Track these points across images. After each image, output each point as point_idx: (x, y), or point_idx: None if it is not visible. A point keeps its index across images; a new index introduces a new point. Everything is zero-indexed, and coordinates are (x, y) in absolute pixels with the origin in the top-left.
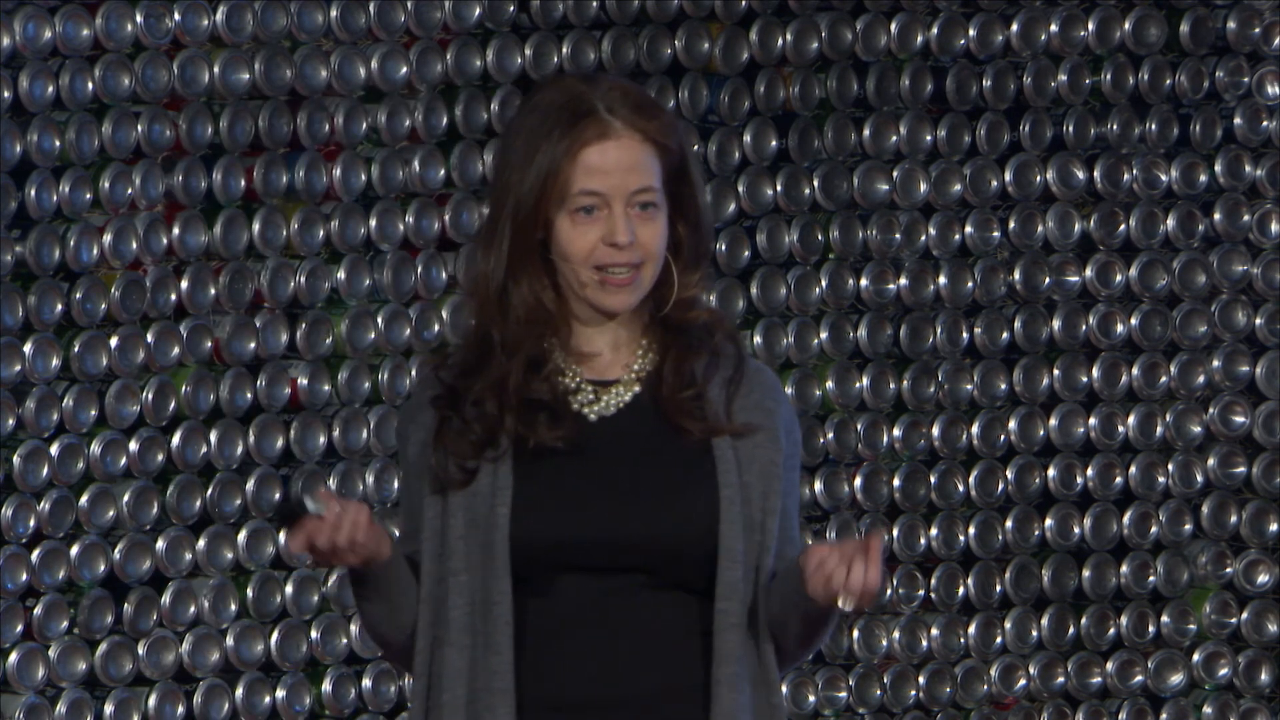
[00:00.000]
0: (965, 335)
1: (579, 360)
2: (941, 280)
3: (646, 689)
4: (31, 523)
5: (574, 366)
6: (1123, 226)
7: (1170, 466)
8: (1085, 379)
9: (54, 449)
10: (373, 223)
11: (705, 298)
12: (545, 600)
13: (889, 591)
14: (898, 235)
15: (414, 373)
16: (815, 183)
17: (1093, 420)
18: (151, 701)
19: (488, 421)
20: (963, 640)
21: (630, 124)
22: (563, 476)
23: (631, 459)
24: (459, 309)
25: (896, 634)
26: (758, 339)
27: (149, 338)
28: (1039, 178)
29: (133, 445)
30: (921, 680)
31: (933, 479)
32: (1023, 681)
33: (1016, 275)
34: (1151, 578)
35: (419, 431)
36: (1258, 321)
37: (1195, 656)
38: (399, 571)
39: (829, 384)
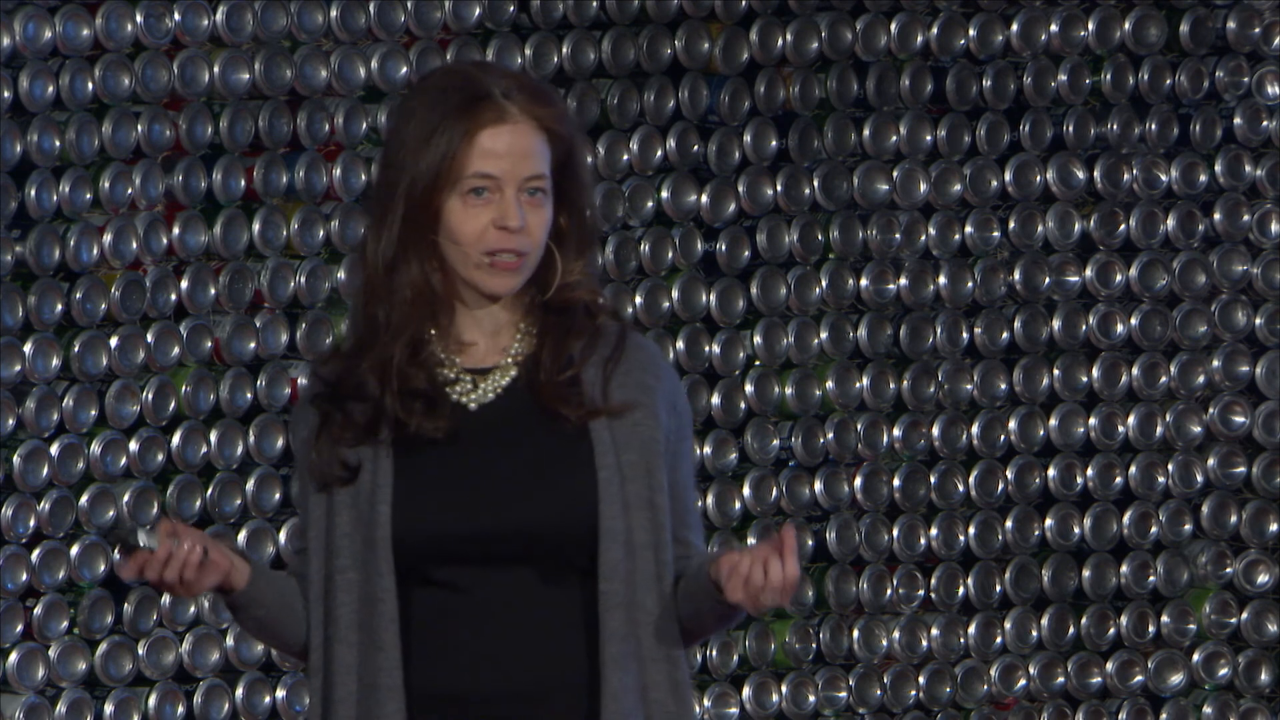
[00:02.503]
0: (965, 335)
1: (458, 350)
2: (941, 280)
3: (535, 679)
4: (31, 523)
5: (453, 357)
6: (1123, 226)
7: (1170, 466)
8: (1085, 379)
9: (54, 449)
10: None
11: (589, 282)
12: (430, 594)
13: (889, 591)
14: (898, 235)
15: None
16: (815, 183)
17: (1093, 420)
18: (151, 701)
19: (366, 412)
20: (963, 640)
21: (526, 110)
22: (441, 469)
23: (509, 448)
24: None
25: (896, 634)
26: (758, 339)
27: (149, 338)
28: (1039, 178)
29: (133, 445)
30: (921, 680)
31: (933, 479)
32: (1023, 681)
33: (1016, 275)
34: (1151, 578)
35: (303, 431)
36: (1258, 321)
37: (1195, 656)
38: (265, 597)
39: (829, 384)
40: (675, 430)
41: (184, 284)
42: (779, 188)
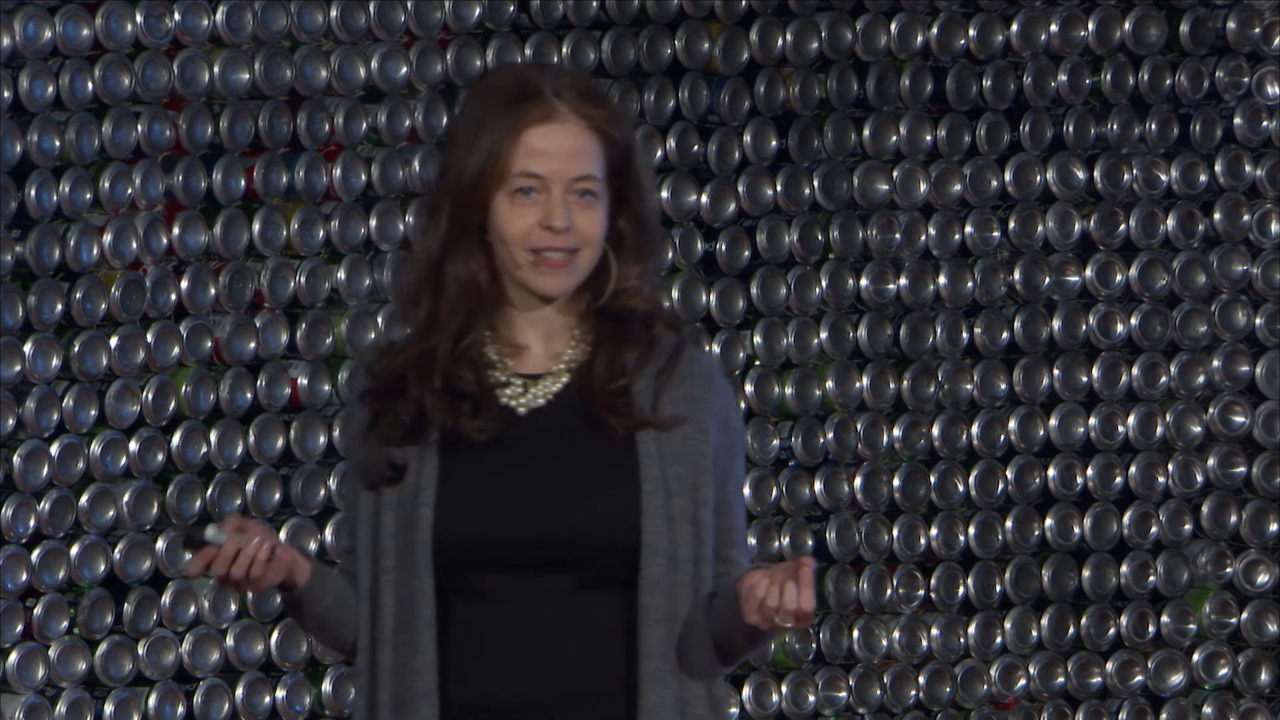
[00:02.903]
0: (965, 335)
1: (511, 354)
2: (941, 280)
3: (571, 690)
4: (31, 523)
5: (506, 360)
6: (1123, 226)
7: (1170, 466)
8: (1085, 379)
9: (54, 449)
10: (373, 223)
11: (651, 292)
12: (469, 599)
13: (889, 591)
14: (898, 235)
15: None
16: (815, 183)
17: (1093, 420)
18: (151, 701)
19: (414, 410)
20: (963, 640)
21: (576, 109)
22: (486, 473)
23: (555, 455)
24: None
25: (896, 634)
26: (758, 339)
27: (149, 338)
28: (1039, 178)
29: (133, 445)
30: (921, 680)
31: (933, 479)
32: (1023, 681)
33: (1016, 275)
34: (1151, 578)
35: (351, 429)
36: (1258, 321)
37: (1195, 656)
38: (323, 593)
39: (829, 384)
40: (726, 446)
41: (184, 284)
42: (779, 188)
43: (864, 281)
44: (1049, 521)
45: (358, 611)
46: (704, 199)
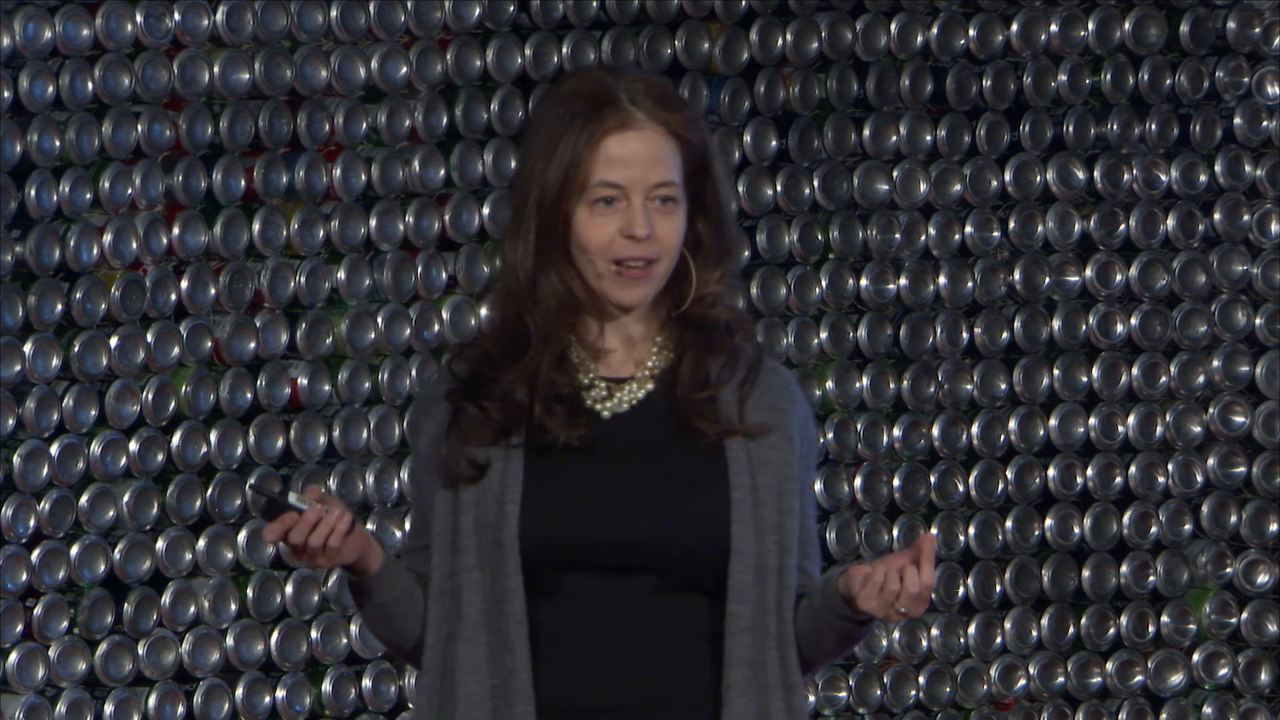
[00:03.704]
0: (965, 335)
1: (593, 356)
2: (941, 280)
3: (656, 693)
4: (31, 523)
5: (589, 362)
6: (1123, 226)
7: (1170, 466)
8: (1085, 379)
9: (54, 449)
10: (373, 223)
11: (729, 297)
12: (555, 600)
13: None
14: (898, 235)
15: (414, 372)
16: (815, 183)
17: (1093, 420)
18: (151, 701)
19: (514, 410)
20: (963, 640)
21: (653, 116)
22: (573, 474)
23: (643, 458)
24: (460, 308)
25: (896, 634)
26: (758, 339)
27: (149, 338)
28: (1039, 178)
29: (133, 445)
30: (921, 680)
31: (933, 479)
32: (1023, 681)
33: (1016, 275)
34: (1151, 578)
35: (431, 425)
36: (1258, 321)
37: (1195, 656)
38: (393, 582)
39: (829, 384)
40: (804, 458)
41: (184, 284)
42: (779, 188)
43: (864, 281)
44: (1049, 521)
45: (422, 609)
46: None
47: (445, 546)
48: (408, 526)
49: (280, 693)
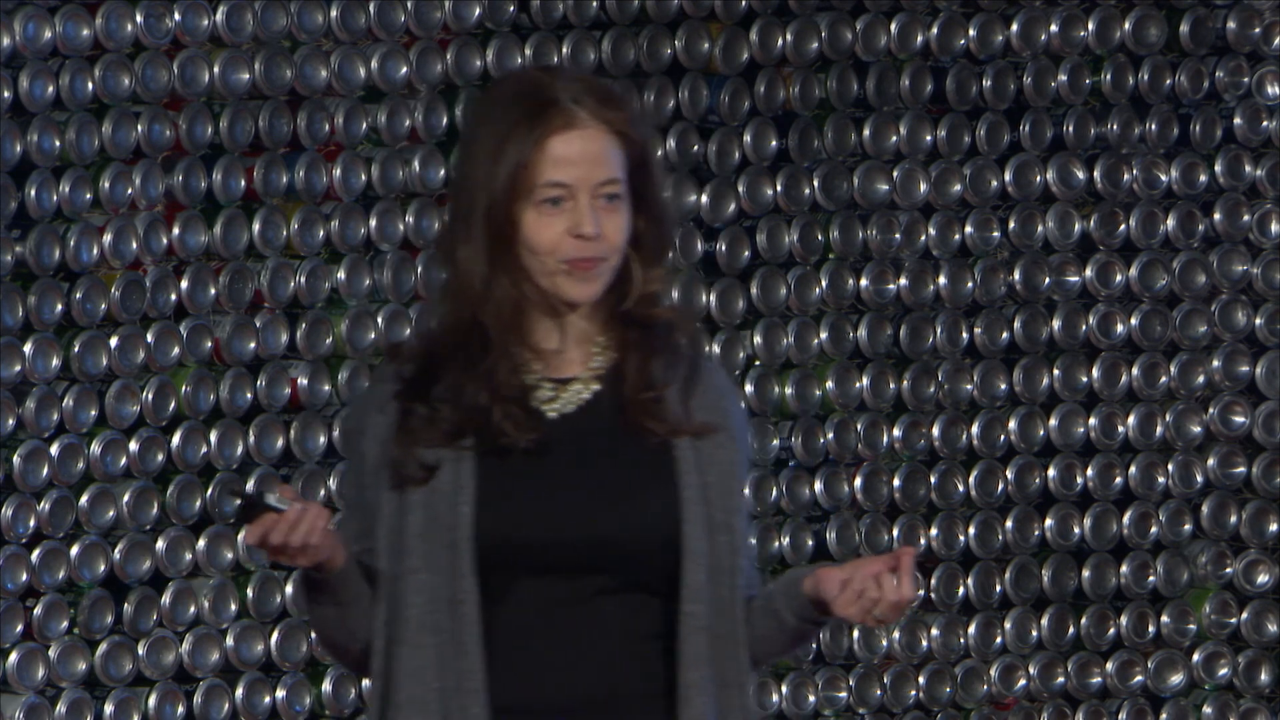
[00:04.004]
0: (965, 335)
1: (538, 357)
2: (941, 280)
3: (610, 693)
4: (31, 523)
5: (533, 363)
6: (1123, 226)
7: (1170, 466)
8: (1085, 379)
9: (54, 449)
10: (373, 223)
11: (668, 294)
12: (507, 601)
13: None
14: (898, 235)
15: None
16: (815, 183)
17: (1093, 420)
18: (151, 701)
19: (469, 413)
20: (963, 640)
21: (596, 114)
22: (525, 476)
23: (593, 459)
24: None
25: (896, 634)
26: (758, 339)
27: (149, 338)
28: (1039, 178)
29: (133, 445)
30: (921, 680)
31: (933, 479)
32: (1023, 681)
33: (1016, 275)
34: (1151, 578)
35: (377, 427)
36: (1258, 321)
37: (1195, 656)
38: (352, 579)
39: (829, 384)
40: (744, 458)
41: (184, 284)
42: (779, 188)
43: (864, 281)
44: (1049, 521)
45: (370, 609)
46: (704, 199)
47: (391, 550)
48: (344, 531)
49: (280, 693)
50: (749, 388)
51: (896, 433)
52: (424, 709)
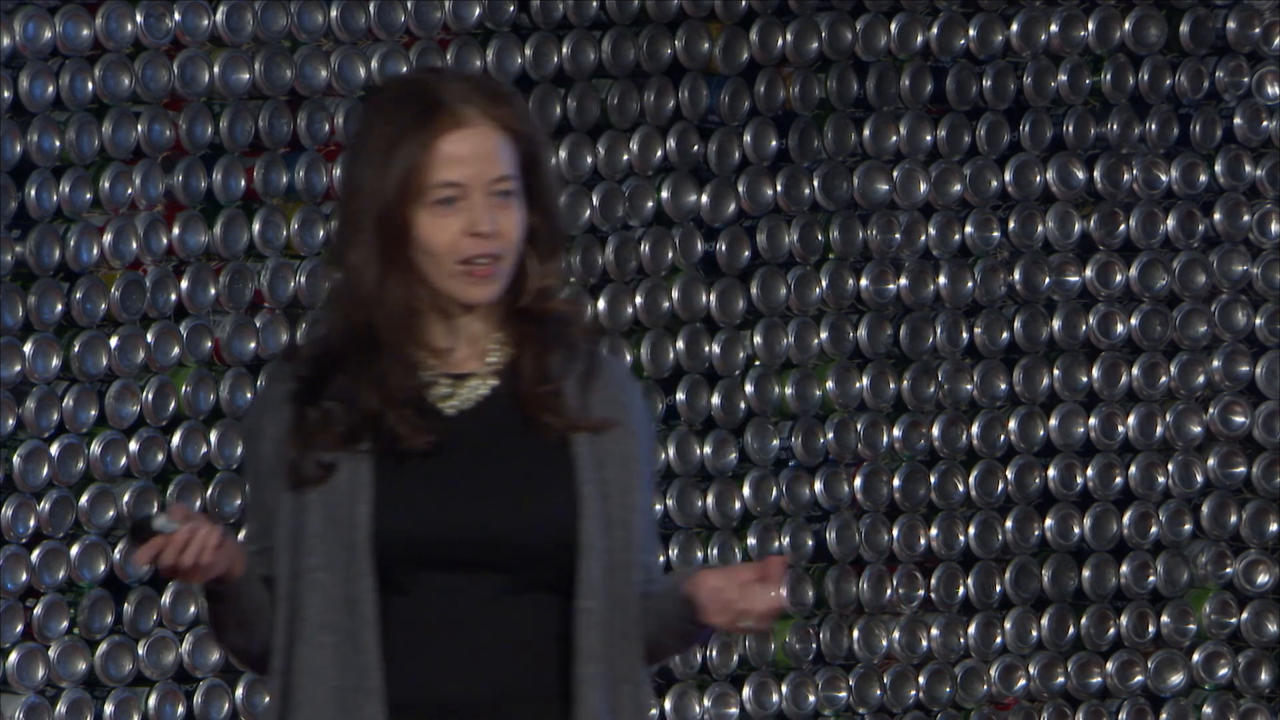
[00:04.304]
0: (965, 335)
1: (434, 355)
2: (941, 280)
3: (507, 691)
4: (31, 523)
5: (429, 361)
6: (1123, 226)
7: (1170, 466)
8: (1085, 379)
9: (54, 449)
10: None
11: (563, 288)
12: (406, 599)
13: (889, 591)
14: (898, 235)
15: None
16: (815, 183)
17: (1093, 420)
18: (151, 701)
19: (365, 415)
20: (963, 640)
21: (485, 112)
22: (423, 474)
23: (490, 455)
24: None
25: (896, 634)
26: (758, 339)
27: (149, 338)
28: (1039, 178)
29: (133, 445)
30: (921, 680)
31: (933, 479)
32: (1023, 681)
33: (1016, 275)
34: (1151, 578)
35: (273, 428)
36: (1258, 321)
37: (1195, 656)
38: (252, 586)
39: (829, 384)
40: (645, 452)
41: (184, 284)
42: (779, 188)
43: (864, 281)
44: (1049, 521)
45: (269, 611)
46: (704, 199)
47: (289, 549)
48: (246, 531)
49: None
50: (749, 388)
51: (896, 433)
52: (322, 708)
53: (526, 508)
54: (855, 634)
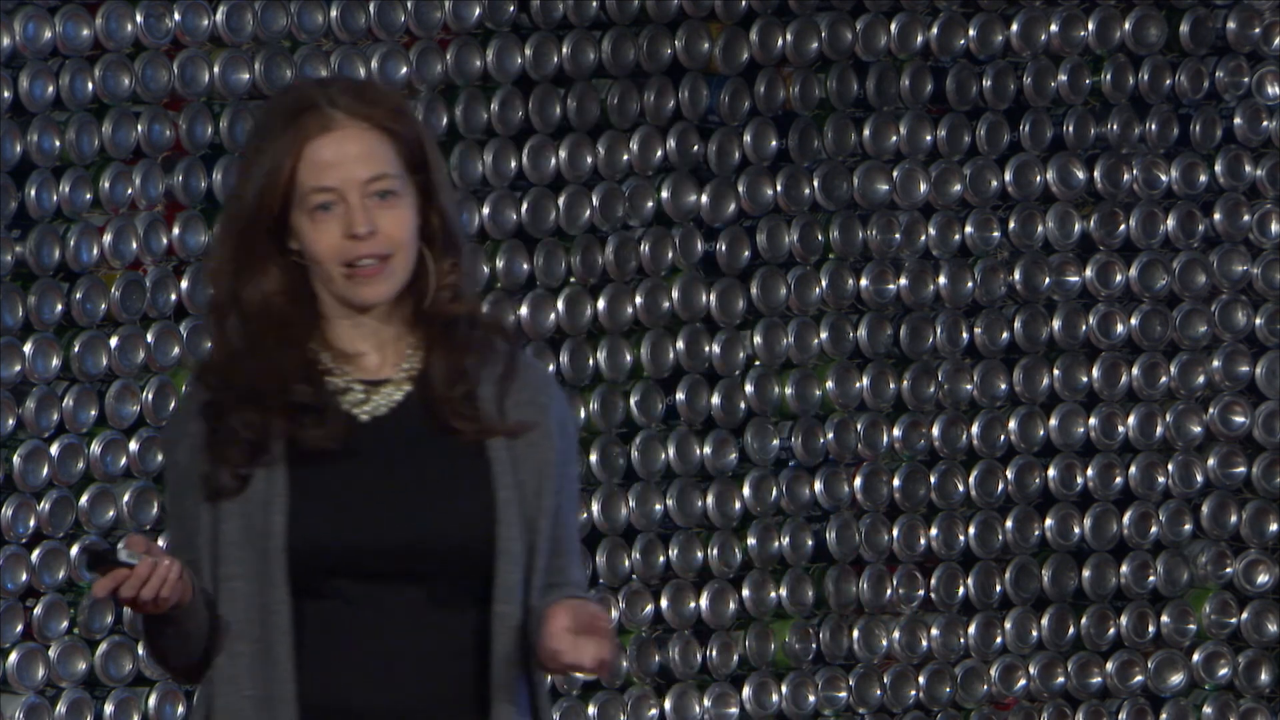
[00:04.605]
0: (965, 335)
1: (347, 360)
2: (941, 280)
3: (423, 699)
4: (31, 523)
5: (343, 367)
6: (1123, 226)
7: (1170, 466)
8: (1085, 379)
9: (54, 449)
10: None
11: (471, 290)
12: (323, 607)
13: (889, 591)
14: (898, 235)
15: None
16: (815, 183)
17: (1093, 420)
18: (151, 701)
19: (254, 428)
20: (963, 640)
21: (353, 113)
22: (337, 481)
23: (405, 462)
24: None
25: (896, 634)
26: (758, 339)
27: (149, 338)
28: (1039, 178)
29: (133, 445)
30: (921, 680)
31: (933, 479)
32: (1023, 681)
33: (1016, 275)
34: (1151, 578)
35: (189, 439)
36: (1258, 321)
37: (1195, 656)
38: (197, 609)
39: (829, 384)
40: (564, 452)
41: (184, 284)
42: (779, 188)
43: (864, 281)
44: (1049, 521)
45: (209, 626)
46: (704, 199)
47: (208, 559)
48: (170, 542)
49: None
50: (749, 388)
51: (896, 433)
52: (238, 716)
53: (443, 513)
54: (855, 634)
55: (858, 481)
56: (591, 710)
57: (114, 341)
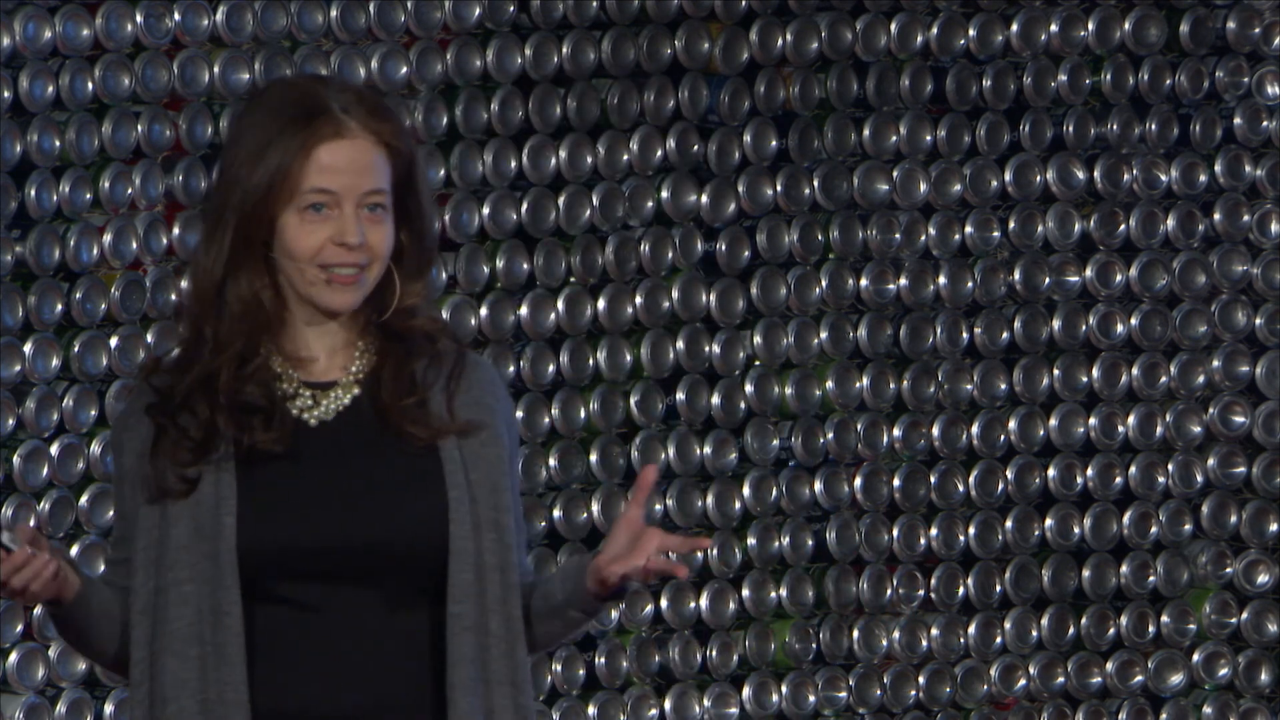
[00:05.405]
0: (965, 335)
1: (295, 365)
2: (941, 280)
3: (377, 701)
4: (31, 522)
5: (290, 371)
6: (1123, 226)
7: (1170, 466)
8: (1085, 379)
9: (54, 449)
10: None
11: (429, 308)
12: (274, 610)
13: (889, 591)
14: (898, 235)
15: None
16: (815, 183)
17: (1093, 420)
18: None
19: (201, 424)
20: (963, 640)
21: (365, 125)
22: (288, 483)
23: (356, 464)
24: (460, 308)
25: (896, 634)
26: (758, 339)
27: (149, 338)
28: (1039, 178)
29: None
30: (921, 680)
31: (933, 479)
32: (1023, 681)
33: (1016, 275)
34: (1151, 578)
35: (135, 441)
36: (1258, 321)
37: (1195, 656)
38: (90, 605)
39: (829, 384)
40: (511, 452)
41: (184, 284)
42: (779, 188)
43: (864, 281)
44: (1049, 521)
45: (120, 623)
46: (704, 199)
47: (150, 563)
48: (110, 537)
49: None
50: (749, 388)
51: (896, 433)
52: (210, 718)
53: (394, 514)
54: (855, 634)
55: (858, 481)
56: (591, 710)
57: (114, 341)
